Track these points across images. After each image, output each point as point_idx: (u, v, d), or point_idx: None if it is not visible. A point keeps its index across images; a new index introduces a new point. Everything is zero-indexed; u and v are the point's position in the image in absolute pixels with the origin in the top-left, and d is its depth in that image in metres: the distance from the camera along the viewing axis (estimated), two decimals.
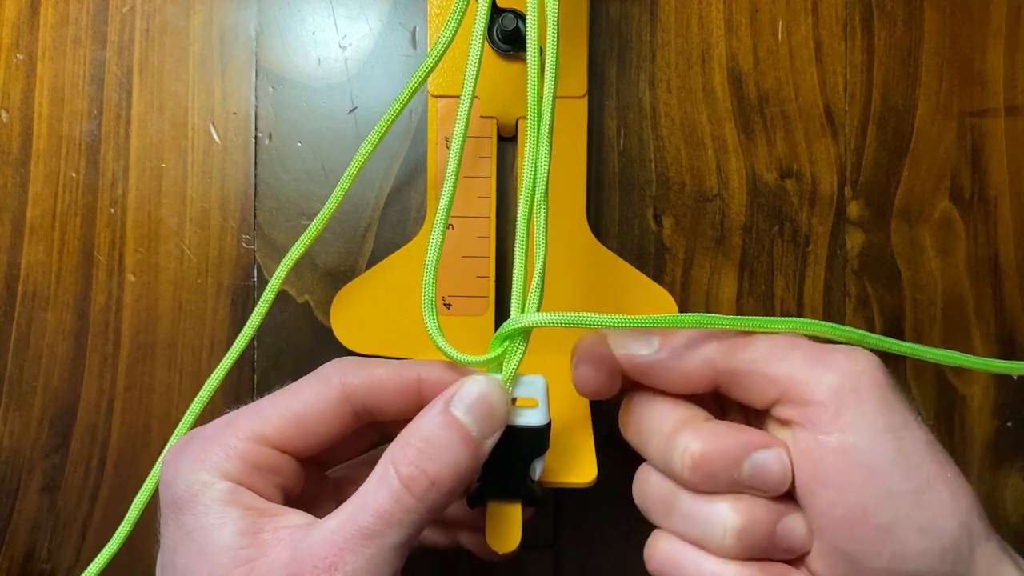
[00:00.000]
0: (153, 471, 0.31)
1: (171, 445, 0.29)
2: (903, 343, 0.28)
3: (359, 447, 0.31)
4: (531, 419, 0.27)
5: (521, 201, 0.27)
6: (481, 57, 0.28)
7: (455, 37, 0.29)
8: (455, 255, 0.34)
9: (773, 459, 0.25)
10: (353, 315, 0.34)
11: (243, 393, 0.37)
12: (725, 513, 0.25)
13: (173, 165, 0.37)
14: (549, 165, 0.27)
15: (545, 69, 0.28)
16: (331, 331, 0.34)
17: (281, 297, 0.37)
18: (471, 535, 0.32)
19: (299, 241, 0.32)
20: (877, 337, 0.27)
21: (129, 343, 0.37)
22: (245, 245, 0.37)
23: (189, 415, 0.32)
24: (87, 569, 0.32)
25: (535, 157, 0.28)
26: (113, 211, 0.37)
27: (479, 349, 0.27)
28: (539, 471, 0.28)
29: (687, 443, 0.26)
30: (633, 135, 0.38)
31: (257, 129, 0.37)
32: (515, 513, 0.29)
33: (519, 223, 0.27)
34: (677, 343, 0.27)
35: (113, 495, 0.37)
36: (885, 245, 0.39)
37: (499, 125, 0.35)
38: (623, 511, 0.30)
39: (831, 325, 0.27)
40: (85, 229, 0.37)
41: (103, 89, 0.37)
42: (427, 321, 0.27)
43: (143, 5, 0.37)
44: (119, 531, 0.32)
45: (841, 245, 0.39)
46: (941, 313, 0.39)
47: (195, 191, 0.37)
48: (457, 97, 0.29)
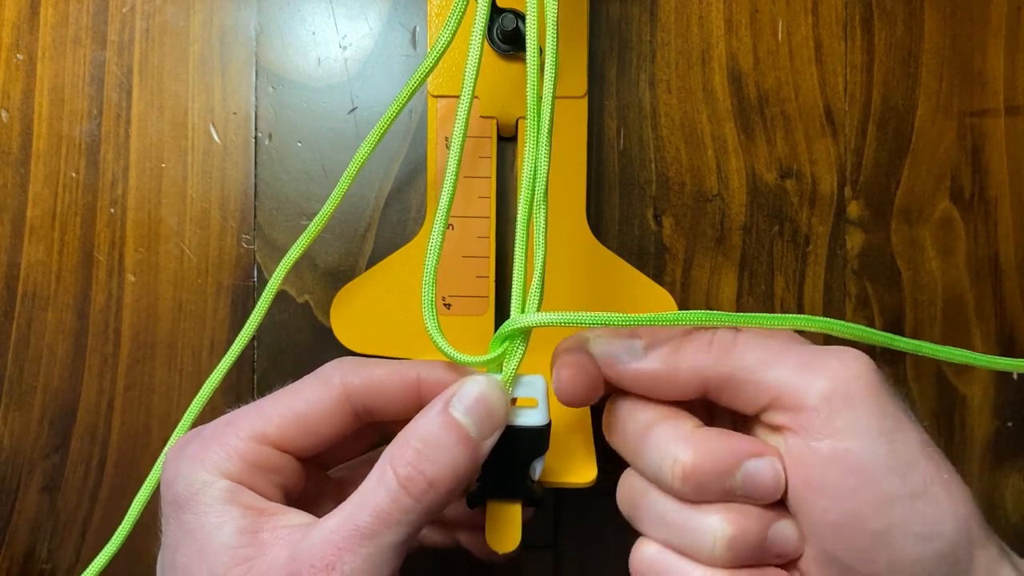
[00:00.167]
0: (153, 470, 0.31)
1: (171, 445, 0.29)
2: (907, 340, 0.27)
3: (360, 447, 0.31)
4: (531, 419, 0.27)
5: (521, 201, 0.27)
6: (481, 57, 0.28)
7: (455, 37, 0.29)
8: (455, 255, 0.34)
9: (766, 467, 0.24)
10: (353, 315, 0.34)
11: (243, 393, 0.37)
12: (715, 523, 0.25)
13: (173, 165, 0.37)
14: (549, 165, 0.27)
15: (545, 69, 0.28)
16: (331, 331, 0.34)
17: (281, 297, 0.37)
18: (471, 535, 0.32)
19: (299, 241, 0.32)
20: (883, 334, 0.27)
21: (129, 343, 0.37)
22: (245, 245, 0.37)
23: (189, 415, 0.32)
24: (87, 569, 0.32)
25: (535, 157, 0.28)
26: (113, 211, 0.37)
27: (479, 349, 0.27)
28: (539, 471, 0.28)
29: (677, 453, 0.25)
30: (633, 135, 0.38)
31: (257, 129, 0.37)
32: (515, 513, 0.29)
33: (519, 223, 0.27)
34: (663, 348, 0.26)
35: (113, 495, 0.37)
36: (885, 245, 0.39)
37: (499, 125, 0.35)
38: None
39: (836, 322, 0.26)
40: (85, 229, 0.37)
41: (103, 89, 0.37)
42: (427, 321, 0.27)
43: (143, 5, 0.37)
44: (119, 531, 0.32)
45: (841, 245, 0.39)
46: (941, 313, 0.39)
47: (195, 191, 0.37)
48: (457, 97, 0.29)
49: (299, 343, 0.37)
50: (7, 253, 0.37)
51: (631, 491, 0.27)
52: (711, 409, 0.28)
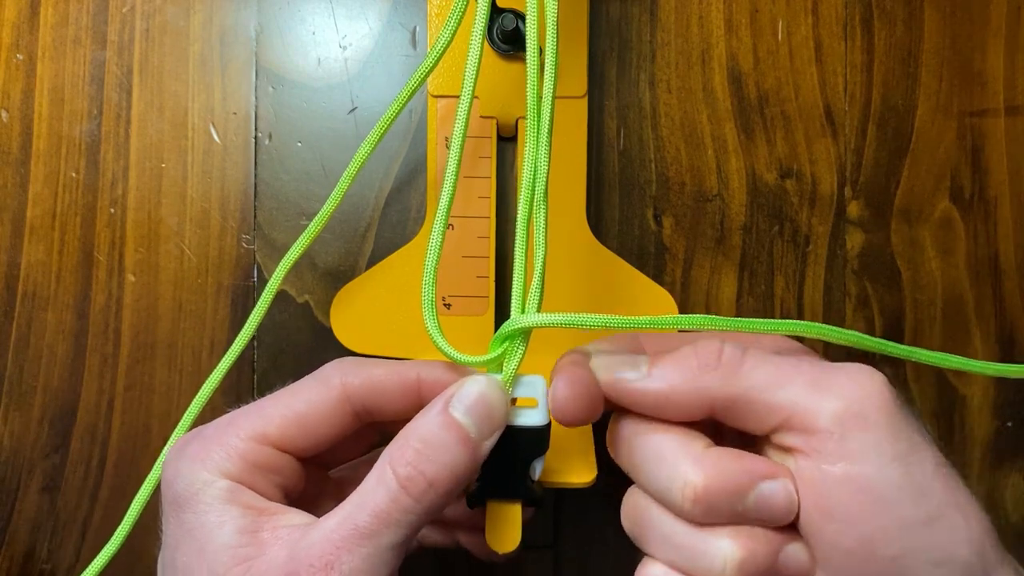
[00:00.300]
0: (153, 470, 0.32)
1: (171, 444, 0.29)
2: (900, 346, 0.27)
3: (360, 447, 0.31)
4: (531, 419, 0.27)
5: (521, 201, 0.27)
6: (481, 57, 0.28)
7: (455, 37, 0.29)
8: (455, 255, 0.34)
9: (779, 490, 0.24)
10: (353, 315, 0.34)
11: (243, 393, 0.37)
12: (725, 546, 0.24)
13: (173, 165, 0.37)
14: (549, 165, 0.27)
15: (545, 69, 0.28)
16: (331, 331, 0.34)
17: (281, 297, 0.37)
18: (471, 535, 0.32)
19: (299, 241, 0.32)
20: (876, 340, 0.27)
21: (129, 343, 0.37)
22: (245, 245, 0.37)
23: (189, 415, 0.32)
24: (87, 569, 0.32)
25: (535, 157, 0.28)
26: (113, 211, 0.37)
27: (479, 349, 0.27)
28: (539, 471, 0.28)
29: (688, 474, 0.24)
30: (633, 135, 0.38)
31: (257, 129, 0.37)
32: (515, 513, 0.29)
33: (519, 223, 0.27)
34: (668, 366, 0.25)
35: (113, 495, 0.37)
36: (885, 245, 0.39)
37: (499, 125, 0.35)
38: None
39: (830, 328, 0.26)
40: (85, 229, 0.37)
41: (103, 89, 0.37)
42: (427, 321, 0.27)
43: (143, 5, 0.37)
44: (119, 531, 0.32)
45: (841, 245, 0.39)
46: (941, 313, 0.39)
47: (195, 191, 0.37)
48: (457, 97, 0.29)
49: (299, 343, 0.37)
50: (7, 253, 0.37)
51: (636, 510, 0.26)
52: (718, 426, 0.27)
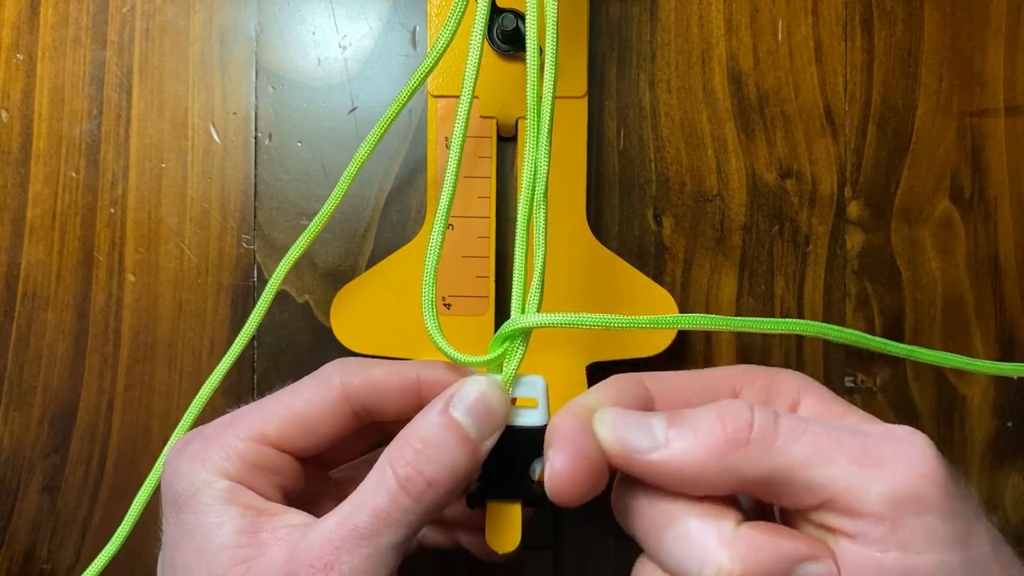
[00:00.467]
0: (153, 470, 0.31)
1: (171, 444, 0.29)
2: (901, 345, 0.27)
3: (360, 447, 0.31)
4: (531, 419, 0.27)
5: (521, 201, 0.27)
6: (481, 57, 0.28)
7: (455, 37, 0.29)
8: (455, 255, 0.34)
9: (822, 574, 0.21)
10: (353, 315, 0.34)
11: (243, 393, 0.37)
12: None
13: (173, 165, 0.37)
14: (549, 165, 0.27)
15: (545, 69, 0.28)
16: (331, 331, 0.34)
17: (281, 297, 0.37)
18: (471, 535, 0.32)
19: (299, 241, 0.32)
20: (876, 340, 0.27)
21: (129, 343, 0.37)
22: (245, 245, 0.37)
23: (189, 415, 0.32)
24: (87, 569, 0.32)
25: (535, 157, 0.27)
26: (113, 211, 0.37)
27: (479, 349, 0.27)
28: (539, 471, 0.28)
29: (721, 561, 0.21)
30: (633, 135, 0.38)
31: (257, 129, 0.37)
32: (515, 513, 0.29)
33: (519, 223, 0.27)
34: (688, 439, 0.22)
35: (113, 495, 0.37)
36: (885, 245, 0.39)
37: (499, 125, 0.35)
38: None
39: (830, 327, 0.26)
40: (85, 229, 0.37)
41: (103, 89, 0.37)
42: (427, 321, 0.27)
43: (143, 5, 0.37)
44: (119, 531, 0.32)
45: (841, 245, 0.39)
46: (941, 313, 0.39)
47: (195, 191, 0.37)
48: (457, 97, 0.29)
49: (299, 343, 0.37)
50: (7, 253, 0.37)
51: None
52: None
